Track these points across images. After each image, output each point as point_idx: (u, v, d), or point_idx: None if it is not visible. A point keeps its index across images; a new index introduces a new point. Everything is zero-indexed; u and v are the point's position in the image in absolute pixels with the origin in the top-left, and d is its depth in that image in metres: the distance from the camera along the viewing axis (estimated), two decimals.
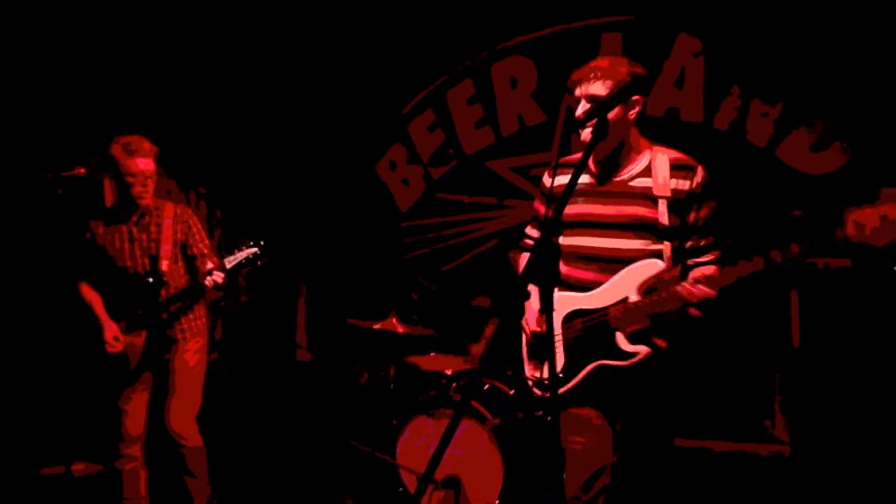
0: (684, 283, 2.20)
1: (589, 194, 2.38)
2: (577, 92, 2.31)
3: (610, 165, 2.37)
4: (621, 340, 2.29)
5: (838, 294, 3.41)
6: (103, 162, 3.18)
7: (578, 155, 2.42)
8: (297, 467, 4.32)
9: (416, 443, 3.46)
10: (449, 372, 3.56)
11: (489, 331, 3.97)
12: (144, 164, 3.10)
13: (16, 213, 3.97)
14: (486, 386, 3.60)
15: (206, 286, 3.14)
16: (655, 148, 2.38)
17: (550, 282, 1.77)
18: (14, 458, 4.04)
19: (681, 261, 2.33)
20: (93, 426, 4.06)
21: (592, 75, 2.27)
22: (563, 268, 2.41)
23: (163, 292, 3.22)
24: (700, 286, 2.18)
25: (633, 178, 2.34)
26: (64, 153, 3.90)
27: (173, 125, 4.74)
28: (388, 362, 3.77)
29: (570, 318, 2.39)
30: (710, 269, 2.29)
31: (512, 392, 3.52)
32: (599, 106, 2.05)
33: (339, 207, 5.06)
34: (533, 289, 2.43)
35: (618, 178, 2.36)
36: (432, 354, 3.84)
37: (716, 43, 4.01)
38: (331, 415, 4.65)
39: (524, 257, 2.72)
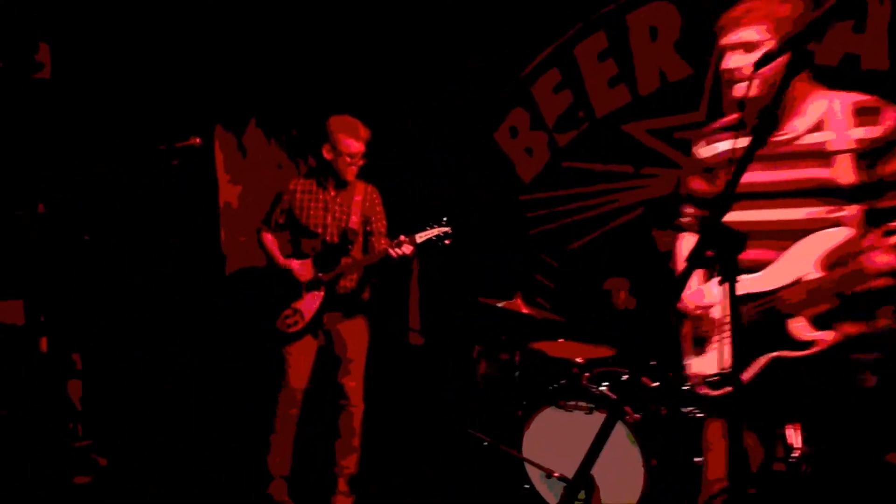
0: (869, 254, 1.87)
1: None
2: (725, 40, 2.05)
3: (769, 123, 2.05)
4: (797, 327, 1.97)
5: None
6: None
7: (731, 117, 2.22)
8: (408, 456, 4.17)
9: (544, 436, 3.25)
10: (580, 360, 3.32)
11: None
12: (357, 146, 3.36)
13: (129, 184, 4.06)
14: (625, 376, 3.34)
15: (389, 257, 3.25)
16: (827, 94, 2.06)
17: (729, 268, 1.55)
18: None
19: (881, 225, 1.95)
20: None
21: (745, 19, 2.00)
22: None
23: (343, 261, 3.40)
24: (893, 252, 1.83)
25: (800, 135, 2.04)
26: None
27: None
28: (513, 348, 3.54)
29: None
30: None
31: (655, 385, 3.21)
32: (764, 59, 1.74)
33: (456, 180, 4.81)
34: (698, 272, 2.22)
35: (781, 137, 2.06)
36: (560, 340, 3.58)
37: None
38: (446, 402, 4.46)
39: (682, 238, 2.42)
